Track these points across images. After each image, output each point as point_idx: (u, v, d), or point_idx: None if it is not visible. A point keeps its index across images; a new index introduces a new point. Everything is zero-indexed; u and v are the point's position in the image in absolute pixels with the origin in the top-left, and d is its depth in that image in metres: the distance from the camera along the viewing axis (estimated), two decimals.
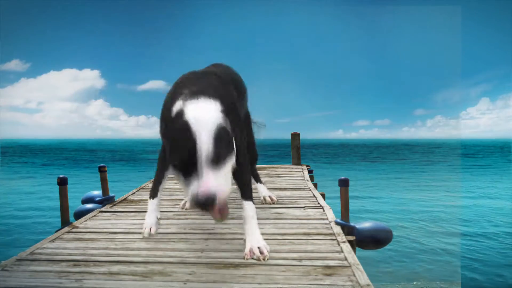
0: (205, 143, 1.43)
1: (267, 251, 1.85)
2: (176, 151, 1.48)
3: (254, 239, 1.89)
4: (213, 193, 1.40)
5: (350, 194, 2.77)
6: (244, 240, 1.93)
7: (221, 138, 1.48)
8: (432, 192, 11.40)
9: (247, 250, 1.86)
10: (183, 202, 2.99)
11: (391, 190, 11.82)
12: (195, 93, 1.68)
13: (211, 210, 1.46)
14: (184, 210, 2.89)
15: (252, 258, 1.82)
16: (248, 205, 1.99)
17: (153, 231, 2.25)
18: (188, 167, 1.44)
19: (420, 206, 9.03)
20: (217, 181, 1.43)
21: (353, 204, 2.84)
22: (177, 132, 1.51)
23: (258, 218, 2.62)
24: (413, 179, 14.98)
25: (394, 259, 5.17)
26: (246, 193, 2.01)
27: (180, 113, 1.56)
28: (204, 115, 1.52)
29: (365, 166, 21.57)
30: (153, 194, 2.40)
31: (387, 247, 3.01)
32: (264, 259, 1.80)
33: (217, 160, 1.45)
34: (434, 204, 9.29)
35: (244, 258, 1.84)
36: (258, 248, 1.85)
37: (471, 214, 8.16)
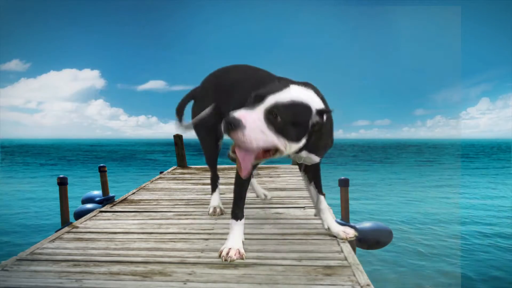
0: (281, 97, 1.47)
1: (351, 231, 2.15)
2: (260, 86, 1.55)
3: (336, 225, 2.18)
4: (242, 122, 1.39)
5: (350, 194, 2.77)
6: (327, 228, 2.21)
7: (296, 111, 1.50)
8: (432, 192, 11.39)
9: (341, 233, 2.13)
10: (211, 208, 2.80)
11: (391, 191, 11.81)
12: (308, 84, 1.74)
13: (235, 149, 1.46)
14: (213, 215, 2.74)
15: (347, 238, 2.10)
16: (323, 198, 2.23)
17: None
18: (253, 100, 1.48)
19: (420, 207, 9.03)
20: (255, 123, 1.42)
21: (353, 204, 2.85)
22: (275, 81, 1.61)
23: (257, 218, 2.64)
24: (413, 179, 14.97)
25: (392, 261, 5.17)
26: (321, 188, 2.23)
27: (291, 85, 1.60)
28: (304, 93, 1.59)
29: (365, 166, 21.57)
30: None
31: (386, 248, 3.01)
32: (354, 236, 2.13)
33: (272, 115, 1.45)
34: (434, 205, 9.28)
35: (344, 239, 2.10)
36: (344, 231, 2.13)
37: (471, 215, 8.15)
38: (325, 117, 1.61)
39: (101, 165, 3.57)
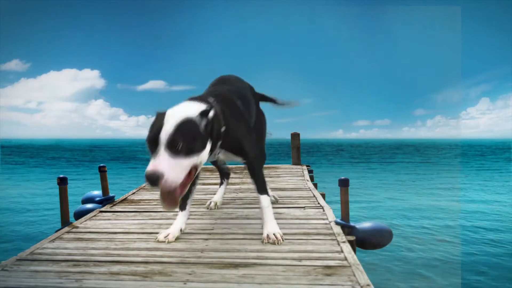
0: (167, 130, 1.60)
1: (281, 236, 2.11)
2: (148, 133, 1.67)
3: (270, 227, 2.15)
4: (159, 173, 1.53)
5: (350, 194, 2.77)
6: (262, 227, 2.20)
7: (185, 131, 1.64)
8: (432, 193, 11.39)
9: (264, 235, 2.11)
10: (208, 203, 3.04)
11: (391, 191, 11.81)
12: (192, 97, 1.95)
13: (160, 193, 1.63)
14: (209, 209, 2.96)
15: (269, 242, 2.07)
16: (263, 198, 2.23)
17: (170, 238, 2.16)
18: (152, 148, 1.62)
19: (420, 208, 9.02)
20: (169, 165, 1.57)
21: (353, 204, 2.84)
22: (154, 119, 1.73)
23: (258, 218, 2.63)
24: (413, 179, 14.96)
25: (392, 261, 5.17)
26: (260, 188, 2.23)
27: (168, 110, 1.76)
28: (180, 110, 1.71)
29: (365, 166, 21.57)
30: (182, 206, 2.31)
31: (386, 248, 3.00)
32: (278, 243, 2.05)
33: (174, 147, 1.59)
34: (434, 206, 9.28)
35: (262, 243, 2.07)
36: (274, 234, 2.10)
37: (472, 216, 8.14)
38: (211, 115, 1.76)
39: (101, 165, 3.56)
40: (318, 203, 3.09)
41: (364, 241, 2.61)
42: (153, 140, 1.60)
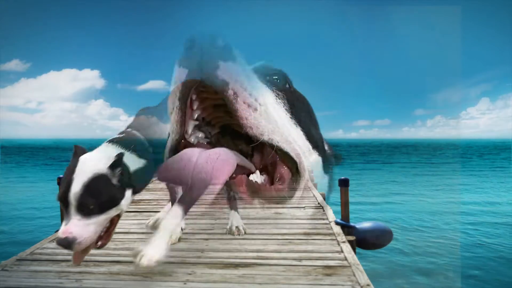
0: (75, 190, 1.44)
1: (243, 228, 2.31)
2: (60, 187, 1.51)
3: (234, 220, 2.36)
4: (70, 238, 1.43)
5: (349, 194, 2.77)
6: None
7: (95, 190, 1.47)
8: (431, 194, 11.39)
9: (230, 227, 2.31)
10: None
11: (390, 191, 11.81)
12: (113, 138, 1.75)
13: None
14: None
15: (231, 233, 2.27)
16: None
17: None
18: (64, 208, 1.48)
19: (419, 208, 9.01)
20: (81, 228, 1.45)
21: (352, 205, 2.84)
22: (65, 171, 1.55)
23: (258, 218, 2.64)
24: (412, 180, 14.96)
25: (392, 262, 5.16)
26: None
27: (84, 153, 1.59)
28: (90, 162, 1.52)
29: (365, 167, 21.57)
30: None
31: (383, 249, 3.00)
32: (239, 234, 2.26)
33: (85, 209, 1.45)
34: (432, 206, 9.27)
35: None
36: (237, 227, 2.30)
37: (470, 217, 8.14)
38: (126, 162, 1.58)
39: None
40: (318, 203, 3.09)
41: (365, 241, 2.62)
42: (63, 200, 1.46)
